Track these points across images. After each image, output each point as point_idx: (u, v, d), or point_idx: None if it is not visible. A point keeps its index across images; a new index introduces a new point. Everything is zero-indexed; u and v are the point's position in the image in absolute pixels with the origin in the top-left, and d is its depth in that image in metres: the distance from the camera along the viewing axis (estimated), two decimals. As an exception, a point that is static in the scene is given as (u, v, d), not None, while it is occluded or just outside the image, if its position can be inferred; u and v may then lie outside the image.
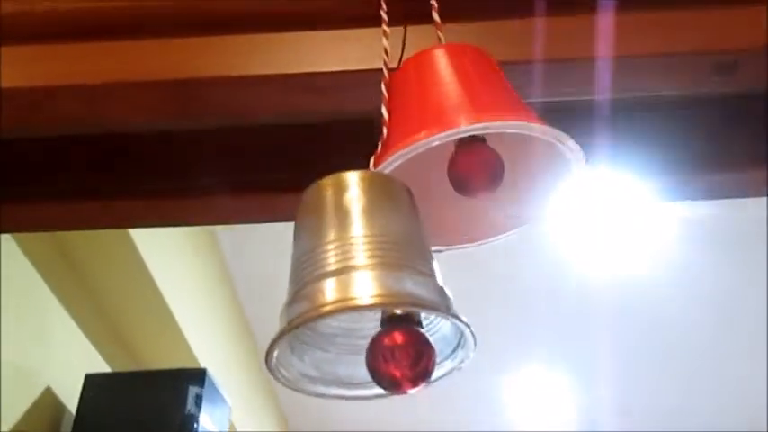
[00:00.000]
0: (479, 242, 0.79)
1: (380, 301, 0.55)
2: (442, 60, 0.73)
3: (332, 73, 0.88)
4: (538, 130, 0.67)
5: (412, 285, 0.56)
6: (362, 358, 0.63)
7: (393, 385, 0.58)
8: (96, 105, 0.91)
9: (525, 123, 0.67)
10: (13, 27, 0.90)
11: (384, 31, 0.78)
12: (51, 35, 0.90)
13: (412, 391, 0.59)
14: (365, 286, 0.55)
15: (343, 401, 0.65)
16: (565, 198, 0.74)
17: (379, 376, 0.58)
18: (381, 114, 0.72)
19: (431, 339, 0.59)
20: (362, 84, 0.84)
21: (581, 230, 2.49)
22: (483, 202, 0.78)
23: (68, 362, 1.81)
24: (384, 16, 0.78)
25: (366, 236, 0.58)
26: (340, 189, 0.62)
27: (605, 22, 0.90)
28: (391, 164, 0.67)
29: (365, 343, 0.61)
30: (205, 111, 0.90)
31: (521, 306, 2.69)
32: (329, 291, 0.55)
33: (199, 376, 1.80)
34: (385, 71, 0.75)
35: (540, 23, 0.90)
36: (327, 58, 0.89)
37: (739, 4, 0.89)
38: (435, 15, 0.78)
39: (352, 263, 0.57)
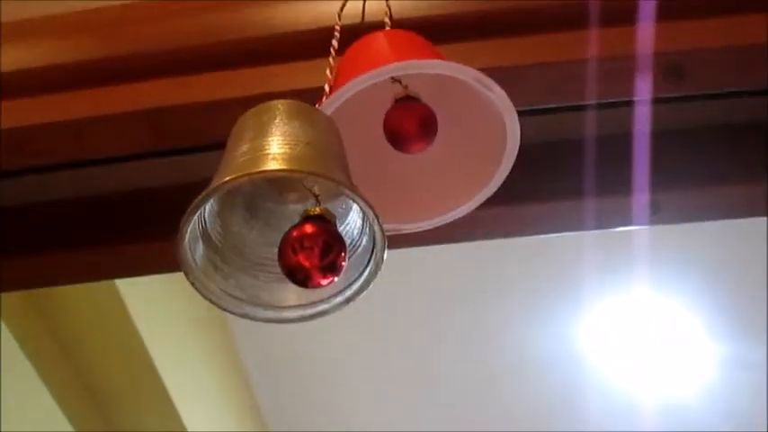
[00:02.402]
0: (433, 220, 0.80)
1: (282, 167, 0.56)
2: (379, 39, 0.78)
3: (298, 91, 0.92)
4: (455, 68, 0.70)
5: (321, 167, 0.58)
6: (288, 285, 0.63)
7: (303, 276, 0.58)
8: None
9: (447, 63, 0.70)
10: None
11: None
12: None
13: (324, 282, 0.58)
14: (270, 165, 0.56)
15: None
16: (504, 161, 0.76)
17: (288, 268, 0.58)
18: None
19: (342, 236, 0.59)
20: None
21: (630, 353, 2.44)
22: (428, 176, 0.80)
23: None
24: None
25: (281, 136, 0.60)
26: (261, 111, 0.64)
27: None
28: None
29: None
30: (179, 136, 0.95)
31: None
32: (233, 170, 0.57)
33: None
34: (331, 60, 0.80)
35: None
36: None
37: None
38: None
39: (260, 153, 0.58)
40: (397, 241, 1.02)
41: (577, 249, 2.19)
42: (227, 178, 0.55)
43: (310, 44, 0.98)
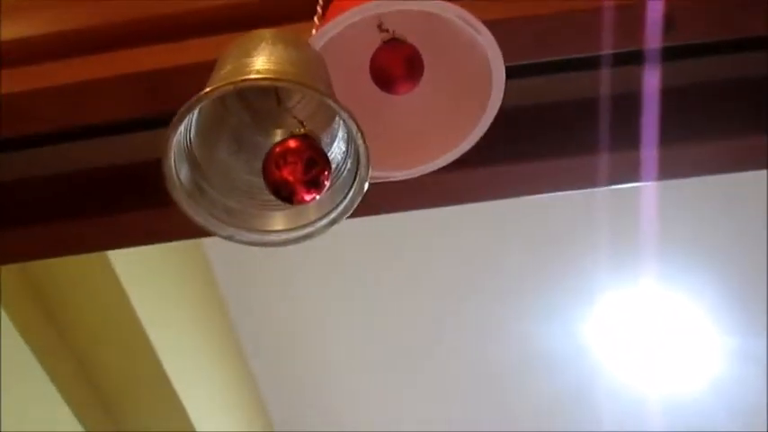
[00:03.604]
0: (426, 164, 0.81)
1: (269, 76, 0.57)
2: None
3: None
4: (439, 6, 0.71)
5: (306, 79, 0.59)
6: (275, 212, 0.64)
7: (288, 191, 0.59)
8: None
9: (430, 1, 0.71)
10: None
11: None
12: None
13: (308, 197, 0.59)
14: (252, 75, 0.57)
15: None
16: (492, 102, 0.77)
17: (273, 183, 0.59)
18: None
19: (326, 153, 0.60)
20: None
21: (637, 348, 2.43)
22: (415, 123, 0.81)
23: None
24: None
25: (267, 56, 0.61)
26: (248, 37, 0.66)
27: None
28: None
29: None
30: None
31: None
32: (218, 80, 0.58)
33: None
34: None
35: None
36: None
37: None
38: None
39: (244, 68, 0.59)
40: (406, 200, 1.04)
41: (585, 243, 2.20)
42: (210, 87, 0.57)
43: (304, 5, 0.99)
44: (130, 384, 2.05)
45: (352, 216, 0.79)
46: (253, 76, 0.56)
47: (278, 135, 0.68)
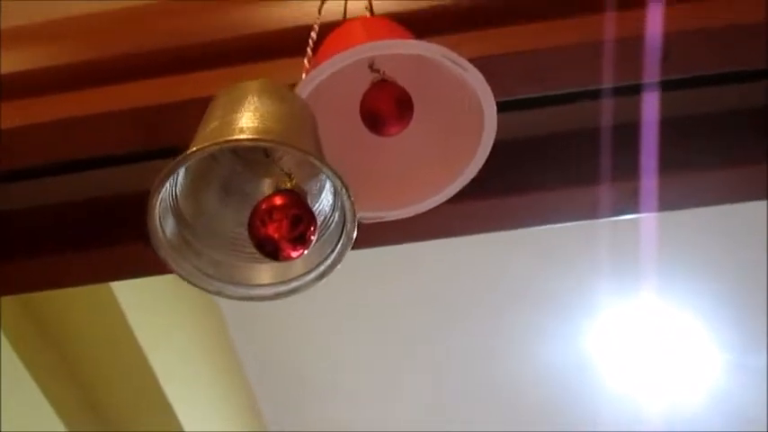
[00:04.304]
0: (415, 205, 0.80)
1: (253, 136, 0.56)
2: (356, 26, 0.79)
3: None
4: (423, 47, 0.70)
5: (291, 136, 0.58)
6: (262, 265, 0.63)
7: (273, 248, 0.58)
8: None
9: (414, 42, 0.71)
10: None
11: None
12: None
13: (294, 254, 0.58)
14: (238, 135, 0.57)
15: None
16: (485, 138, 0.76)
17: (258, 240, 0.58)
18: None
19: (312, 208, 0.59)
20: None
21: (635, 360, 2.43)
22: (407, 164, 0.80)
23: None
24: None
25: (253, 112, 0.60)
26: (234, 89, 0.65)
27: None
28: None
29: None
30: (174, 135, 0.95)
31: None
32: (203, 139, 0.57)
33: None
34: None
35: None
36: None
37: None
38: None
39: (230, 126, 0.58)
40: (401, 233, 1.03)
41: (586, 257, 2.19)
42: (195, 148, 0.56)
43: (296, 42, 0.98)
44: (130, 407, 2.04)
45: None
46: (237, 137, 0.55)
47: (267, 184, 0.68)
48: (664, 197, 1.02)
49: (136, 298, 1.85)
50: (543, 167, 1.06)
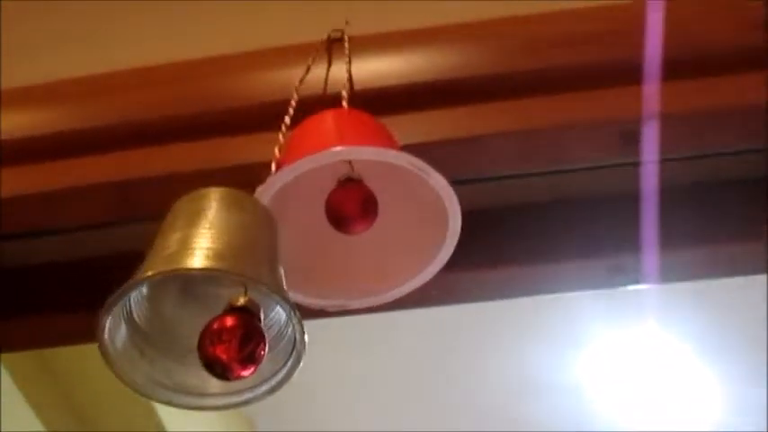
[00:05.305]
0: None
1: (206, 266, 0.57)
2: (327, 121, 0.80)
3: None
4: (391, 155, 0.71)
5: (246, 266, 0.59)
6: (218, 373, 0.64)
7: (222, 369, 0.59)
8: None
9: (380, 150, 0.72)
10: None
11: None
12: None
13: (244, 373, 0.59)
14: (194, 262, 0.58)
15: None
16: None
17: (207, 360, 0.59)
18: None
19: (263, 328, 0.61)
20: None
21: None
22: (373, 255, 0.81)
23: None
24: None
25: (210, 229, 0.61)
26: (195, 198, 0.66)
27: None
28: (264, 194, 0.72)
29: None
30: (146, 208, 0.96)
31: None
32: (158, 263, 0.58)
33: None
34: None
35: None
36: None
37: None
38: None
39: (188, 247, 0.59)
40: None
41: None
42: (150, 273, 0.57)
43: (279, 115, 0.99)
44: (110, 405, 2.03)
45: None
46: (194, 266, 0.57)
47: (225, 285, 0.68)
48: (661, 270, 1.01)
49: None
50: (533, 237, 1.05)
